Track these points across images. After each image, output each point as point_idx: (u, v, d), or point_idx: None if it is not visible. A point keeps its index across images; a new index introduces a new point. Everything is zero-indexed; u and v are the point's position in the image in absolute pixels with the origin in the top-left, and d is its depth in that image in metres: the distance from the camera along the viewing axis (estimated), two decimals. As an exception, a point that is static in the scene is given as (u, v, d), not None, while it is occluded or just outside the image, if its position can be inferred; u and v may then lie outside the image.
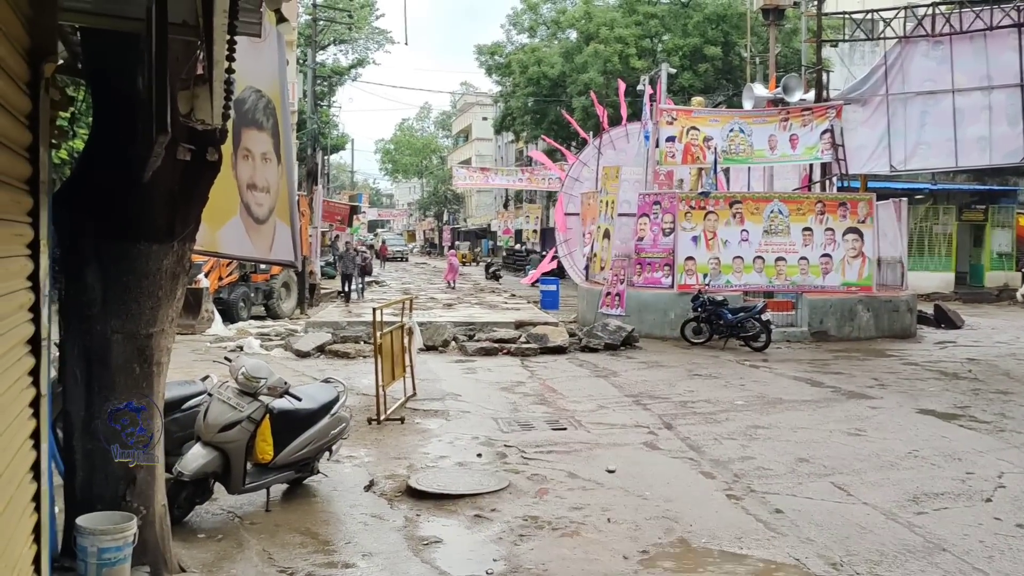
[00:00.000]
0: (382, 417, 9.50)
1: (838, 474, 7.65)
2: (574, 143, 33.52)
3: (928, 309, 21.06)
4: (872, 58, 22.26)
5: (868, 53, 24.99)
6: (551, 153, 36.53)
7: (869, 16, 20.61)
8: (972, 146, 19.14)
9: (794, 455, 8.30)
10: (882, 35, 20.38)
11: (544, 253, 36.81)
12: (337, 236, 27.82)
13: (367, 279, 28.94)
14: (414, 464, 7.89)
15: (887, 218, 19.87)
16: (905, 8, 20.01)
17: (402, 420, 9.65)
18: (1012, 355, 15.71)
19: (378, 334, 9.78)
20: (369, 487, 7.17)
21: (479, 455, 8.23)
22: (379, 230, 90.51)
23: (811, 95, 21.62)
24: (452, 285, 31.78)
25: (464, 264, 52.38)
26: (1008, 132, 18.76)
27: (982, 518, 6.47)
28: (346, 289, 25.94)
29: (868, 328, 17.95)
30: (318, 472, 7.12)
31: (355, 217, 41.53)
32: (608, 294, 18.67)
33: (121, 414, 4.71)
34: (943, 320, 20.50)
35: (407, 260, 63.93)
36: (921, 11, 19.73)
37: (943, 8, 20.01)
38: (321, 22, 38.85)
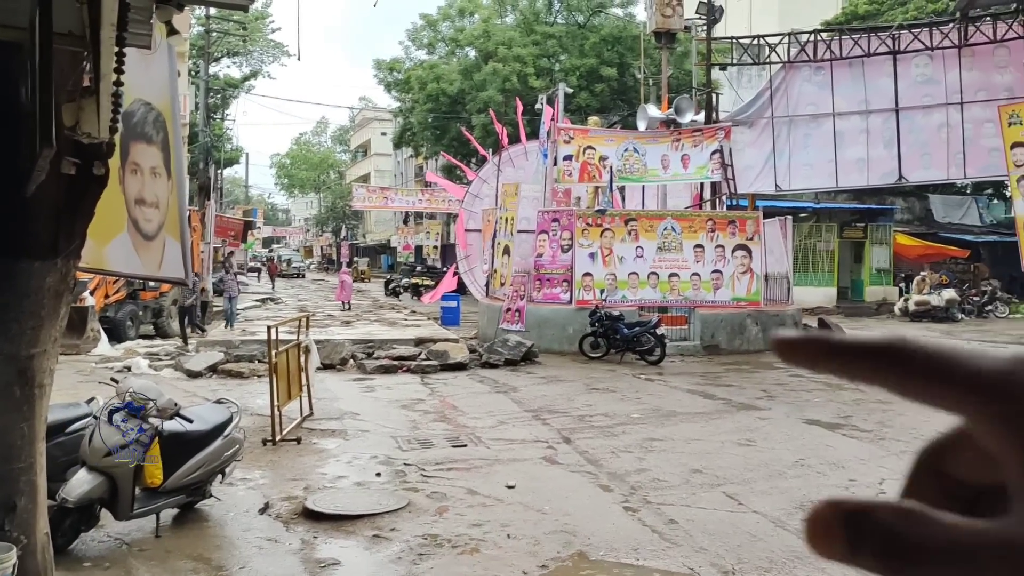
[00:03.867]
0: (278, 438, 9.30)
1: (730, 484, 7.89)
2: (474, 160, 33.67)
3: (813, 323, 21.91)
4: (759, 81, 23.14)
5: (755, 76, 25.94)
6: (450, 169, 36.57)
7: (756, 41, 21.47)
8: (851, 167, 20.17)
9: (688, 466, 8.52)
10: (768, 59, 21.25)
11: (445, 269, 36.68)
12: (231, 252, 27.04)
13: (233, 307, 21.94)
14: (311, 485, 7.75)
15: (773, 235, 20.60)
16: (789, 34, 20.95)
17: (298, 440, 9.47)
18: (890, 366, 16.45)
19: (273, 353, 9.59)
20: (264, 510, 7.01)
21: (378, 474, 8.16)
22: (275, 246, 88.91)
23: (701, 116, 22.33)
24: (347, 306, 29.23)
25: (363, 281, 51.79)
26: (884, 154, 19.85)
27: (863, 523, 6.75)
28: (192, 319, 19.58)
29: (757, 341, 18.56)
30: (211, 496, 6.93)
31: (250, 233, 40.69)
32: (508, 310, 18.78)
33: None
34: (827, 333, 21.33)
35: (304, 276, 62.89)
36: (804, 37, 20.71)
37: (824, 35, 21.05)
38: (214, 34, 38.02)
